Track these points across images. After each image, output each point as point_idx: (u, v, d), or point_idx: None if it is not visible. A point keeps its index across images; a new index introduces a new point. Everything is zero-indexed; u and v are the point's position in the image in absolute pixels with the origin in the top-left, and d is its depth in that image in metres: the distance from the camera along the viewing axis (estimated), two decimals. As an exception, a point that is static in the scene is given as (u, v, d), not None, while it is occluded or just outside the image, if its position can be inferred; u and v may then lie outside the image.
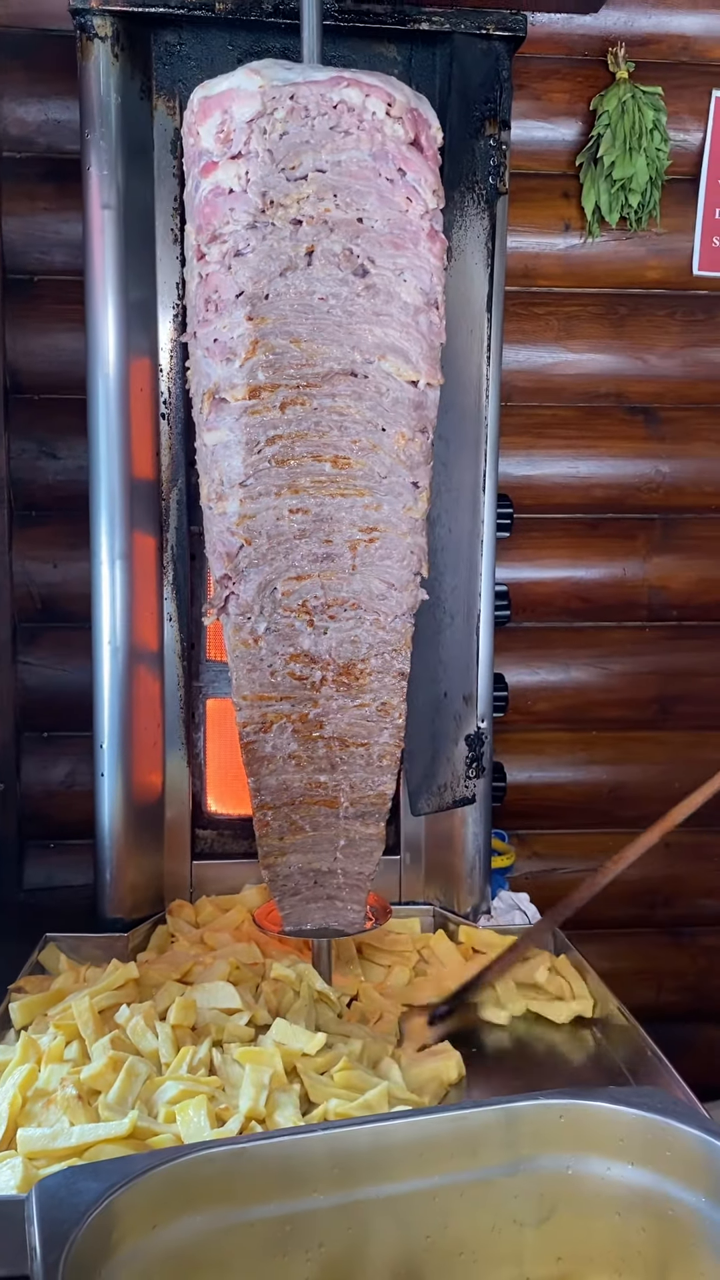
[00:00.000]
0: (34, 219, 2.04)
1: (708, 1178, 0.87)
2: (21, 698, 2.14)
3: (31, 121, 2.02)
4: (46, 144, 2.03)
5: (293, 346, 1.32)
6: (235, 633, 1.40)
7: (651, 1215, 0.90)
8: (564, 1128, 0.91)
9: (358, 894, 1.51)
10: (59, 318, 2.06)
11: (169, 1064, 1.26)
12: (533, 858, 2.28)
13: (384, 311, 1.33)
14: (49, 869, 2.18)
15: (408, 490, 1.39)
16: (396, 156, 1.31)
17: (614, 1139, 0.91)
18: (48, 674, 2.15)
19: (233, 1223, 0.83)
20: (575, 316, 2.16)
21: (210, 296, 1.32)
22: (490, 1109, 0.91)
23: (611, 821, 2.29)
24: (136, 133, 1.66)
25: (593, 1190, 0.92)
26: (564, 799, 2.28)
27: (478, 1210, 0.91)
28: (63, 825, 2.15)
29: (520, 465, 2.18)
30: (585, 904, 1.58)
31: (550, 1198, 0.92)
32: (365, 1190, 0.87)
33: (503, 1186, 0.91)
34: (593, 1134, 0.91)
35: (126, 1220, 0.78)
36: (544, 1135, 0.91)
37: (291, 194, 1.29)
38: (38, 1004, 1.43)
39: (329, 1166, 0.87)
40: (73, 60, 1.73)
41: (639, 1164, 0.90)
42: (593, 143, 2.09)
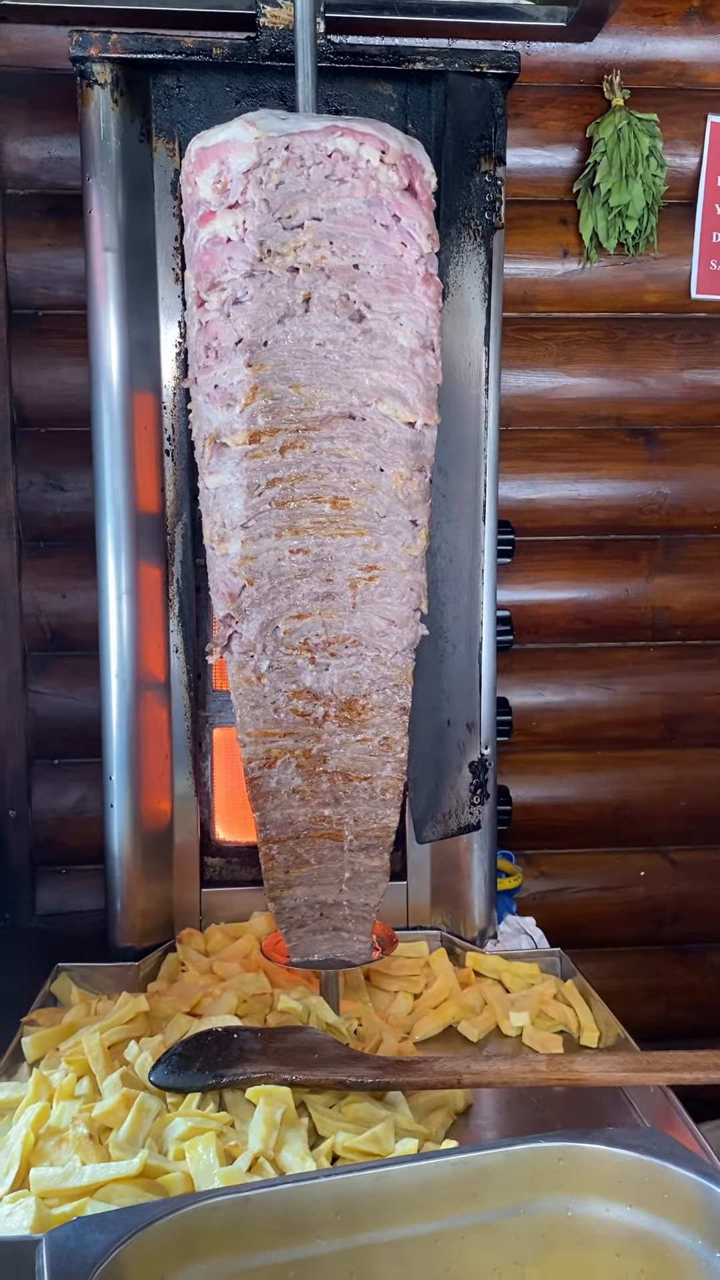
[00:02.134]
0: (38, 254, 2.08)
1: (704, 1220, 0.89)
2: (32, 726, 2.18)
3: (34, 159, 2.06)
4: (49, 180, 2.07)
5: (291, 391, 1.34)
6: (239, 671, 1.42)
7: (649, 1256, 0.91)
8: (563, 1170, 0.93)
9: (363, 925, 1.53)
10: (64, 351, 2.09)
11: (176, 1102, 1.28)
12: (540, 877, 2.30)
13: (381, 355, 1.35)
14: (61, 894, 2.21)
15: (406, 528, 1.41)
16: (391, 203, 1.33)
17: (612, 1180, 0.92)
18: (58, 702, 2.18)
19: (238, 1270, 0.85)
20: (575, 341, 2.19)
21: (210, 343, 1.34)
22: (490, 1152, 0.93)
23: (618, 840, 2.31)
24: (137, 174, 1.69)
25: (592, 1231, 0.93)
26: (570, 819, 2.30)
27: (479, 1252, 0.92)
28: (74, 851, 2.19)
29: (522, 489, 2.20)
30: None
31: (550, 1239, 0.93)
32: (368, 1235, 0.89)
33: (504, 1228, 0.93)
34: (591, 1176, 0.93)
35: (133, 1272, 0.80)
36: (543, 1177, 0.93)
37: (288, 242, 1.31)
38: (50, 1038, 1.45)
39: (332, 1212, 0.89)
40: (74, 99, 1.77)
41: (636, 1205, 0.91)
42: (589, 170, 2.11)
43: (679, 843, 2.33)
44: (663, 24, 2.15)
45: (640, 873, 2.33)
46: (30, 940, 2.12)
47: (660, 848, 2.33)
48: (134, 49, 1.61)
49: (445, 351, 1.43)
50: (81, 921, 2.13)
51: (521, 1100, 1.48)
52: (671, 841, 2.32)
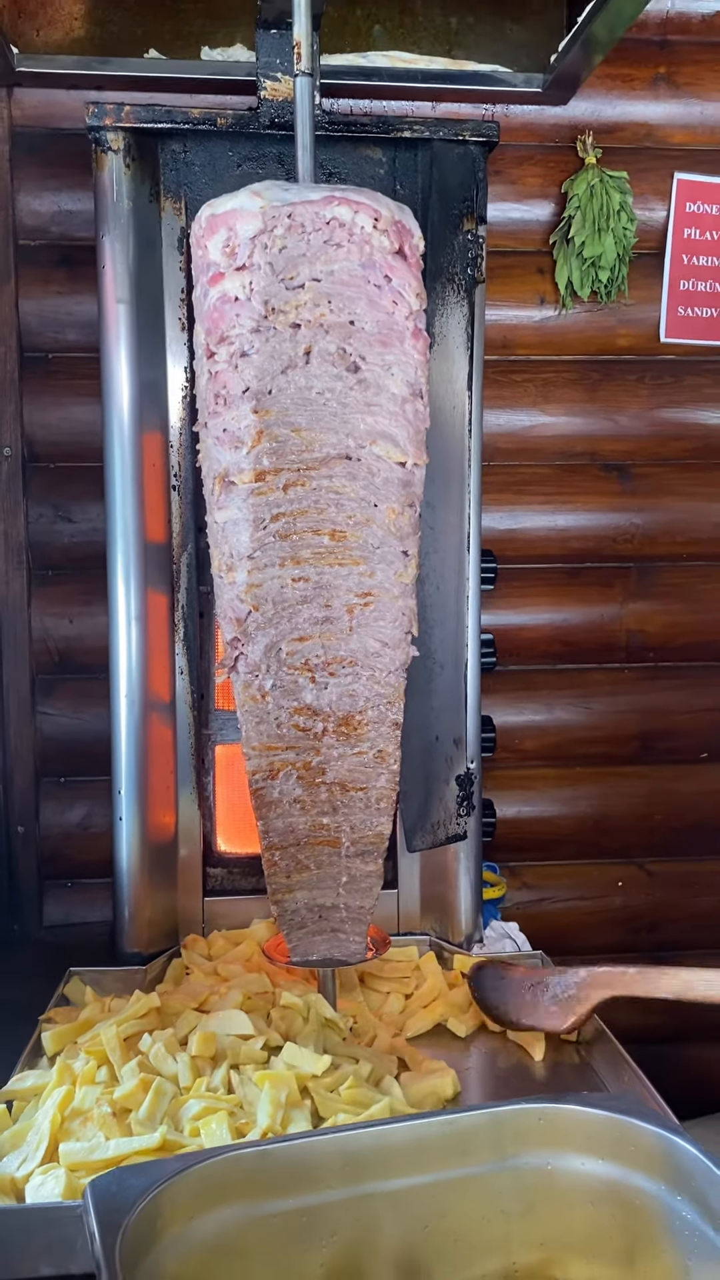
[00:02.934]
0: (48, 301, 2.20)
1: (667, 1169, 1.01)
2: (40, 745, 2.27)
3: (45, 212, 2.18)
4: (59, 232, 2.19)
5: (294, 435, 1.47)
6: (244, 689, 1.54)
7: (619, 1203, 1.03)
8: (543, 1129, 1.05)
9: (359, 926, 1.64)
10: (72, 392, 2.21)
11: (188, 1087, 1.39)
12: (523, 888, 2.41)
13: (374, 402, 1.48)
14: (67, 907, 2.29)
15: (398, 558, 1.54)
16: (383, 265, 1.47)
17: (586, 1137, 1.04)
18: (65, 722, 2.28)
19: (258, 1215, 0.96)
20: (551, 382, 2.32)
21: (219, 392, 1.47)
22: (478, 1113, 1.05)
23: (597, 853, 2.42)
24: (146, 231, 1.82)
25: (569, 1184, 1.05)
26: (551, 832, 2.40)
27: (469, 1203, 1.04)
28: (80, 865, 2.28)
29: (503, 520, 2.33)
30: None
31: (532, 1191, 1.05)
32: (370, 1186, 1.01)
33: (490, 1181, 1.04)
34: (568, 1134, 1.05)
35: (168, 1212, 0.91)
36: (526, 1135, 1.05)
37: (290, 301, 1.45)
38: (68, 1033, 1.56)
39: (339, 1166, 1.00)
40: (83, 157, 1.91)
41: (608, 1159, 1.03)
42: (565, 223, 2.25)
43: (654, 855, 2.43)
44: (632, 89, 2.30)
45: (618, 883, 2.43)
46: (38, 950, 2.20)
47: (636, 859, 2.44)
48: (145, 119, 1.75)
49: (432, 395, 1.56)
50: (87, 933, 2.22)
51: (506, 1087, 1.60)
52: (647, 853, 2.43)
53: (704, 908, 2.47)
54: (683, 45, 2.30)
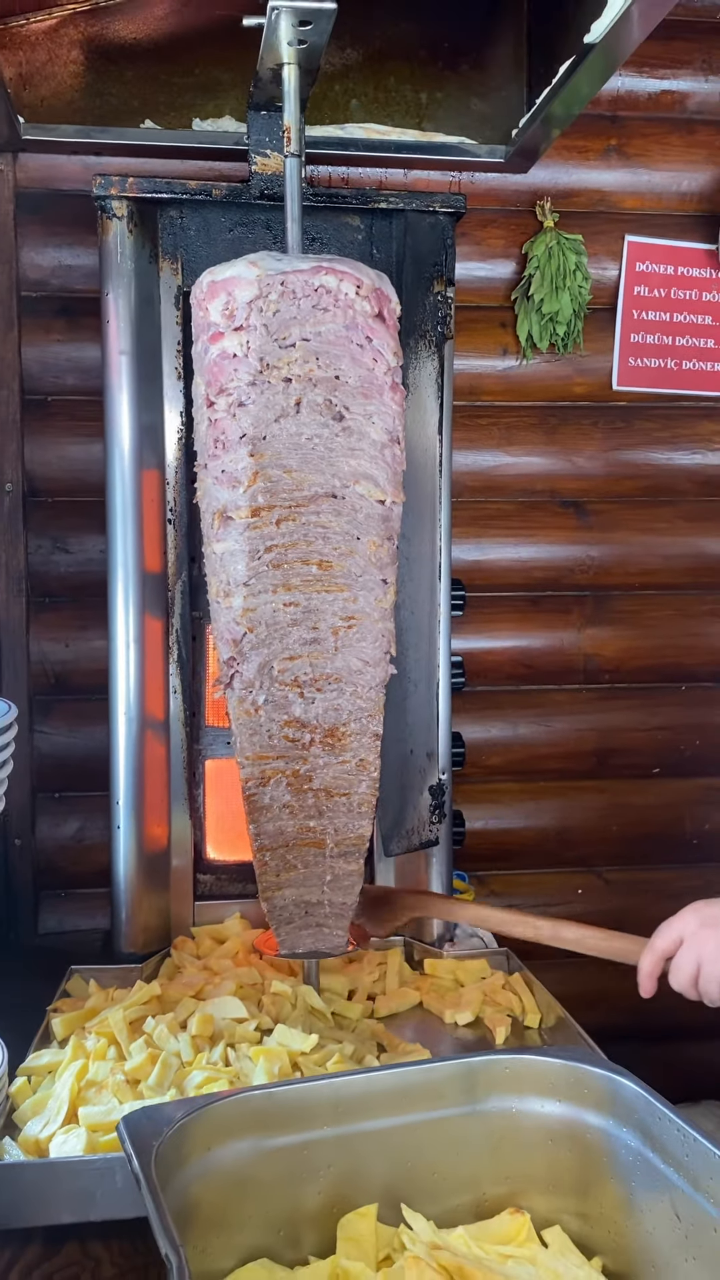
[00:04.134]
0: (48, 348, 2.36)
1: (614, 1106, 1.17)
2: (36, 762, 2.40)
3: (46, 266, 2.35)
4: (59, 285, 2.35)
5: (285, 475, 1.64)
6: (239, 704, 1.70)
7: (574, 1141, 1.20)
8: (509, 1076, 1.21)
9: (341, 921, 1.80)
10: (70, 432, 2.37)
11: (190, 1061, 1.54)
12: (490, 895, 2.56)
13: (357, 447, 1.66)
14: (61, 915, 2.42)
15: (379, 586, 1.71)
16: (365, 327, 1.66)
17: (546, 1082, 1.21)
18: (60, 741, 2.41)
19: (264, 1149, 1.12)
20: (514, 426, 2.51)
21: (219, 437, 1.65)
22: (452, 1063, 1.21)
23: (558, 862, 2.58)
24: (146, 289, 1.99)
25: (531, 1124, 1.21)
26: (516, 842, 2.56)
27: (445, 1142, 1.20)
28: (73, 876, 2.41)
29: (471, 551, 2.51)
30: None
31: (499, 1131, 1.21)
32: (359, 1125, 1.16)
33: (464, 1123, 1.20)
34: (530, 1080, 1.21)
35: (191, 1142, 1.06)
36: (494, 1082, 1.21)
37: (283, 358, 1.63)
38: (76, 1019, 1.70)
39: (331, 1107, 1.16)
40: (82, 216, 2.10)
41: (564, 1100, 1.20)
42: (525, 281, 2.45)
43: (611, 863, 2.60)
44: (586, 158, 2.51)
45: (578, 890, 2.59)
46: (34, 956, 2.32)
47: (595, 868, 2.60)
48: (147, 190, 1.94)
49: (407, 439, 1.74)
50: (80, 939, 2.32)
51: (476, 1067, 1.76)
52: (605, 862, 2.59)
53: (658, 913, 2.58)
54: (632, 120, 2.52)
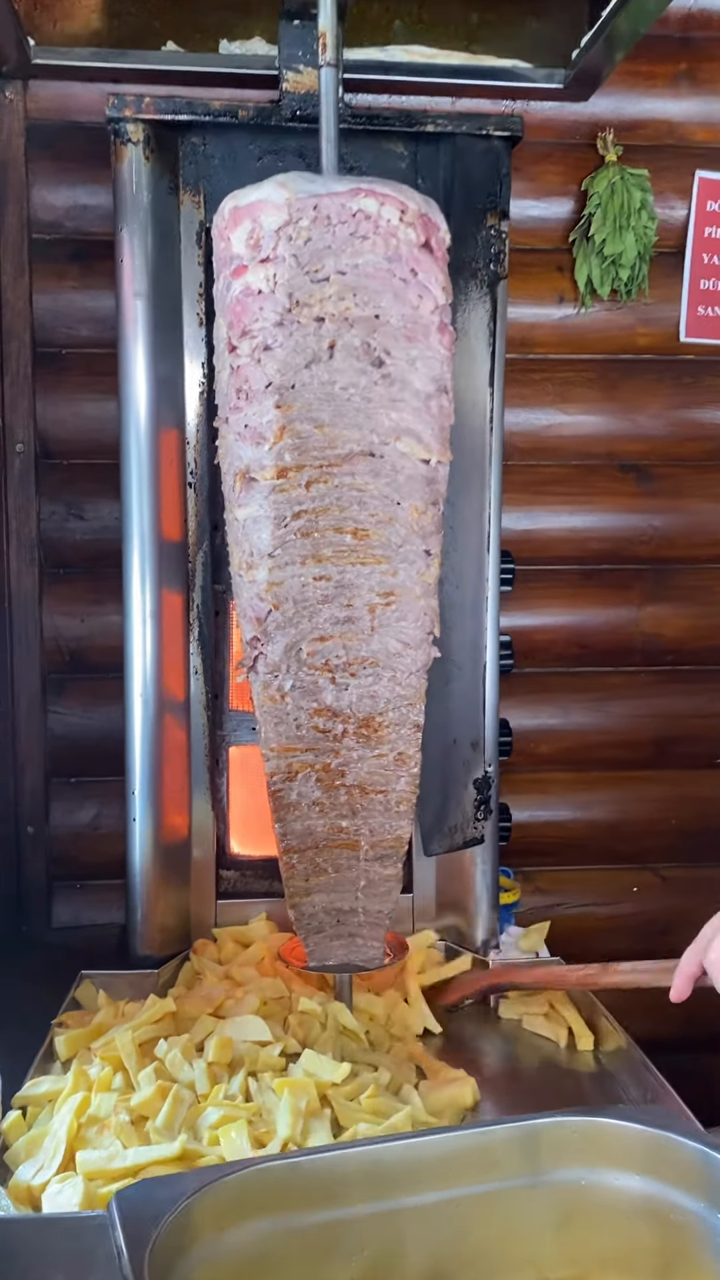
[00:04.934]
0: (61, 295, 2.16)
1: (705, 1186, 0.98)
2: (50, 745, 2.23)
3: (60, 206, 2.15)
4: (73, 227, 2.15)
5: (316, 431, 1.44)
6: (264, 689, 1.51)
7: (656, 1221, 1.01)
8: (577, 1142, 1.02)
9: (377, 931, 1.62)
10: (85, 388, 2.18)
11: (206, 1094, 1.36)
12: (536, 893, 2.37)
13: (399, 398, 1.46)
14: (76, 908, 2.26)
15: (421, 558, 1.51)
16: (409, 259, 1.45)
17: (622, 1152, 1.02)
18: (75, 722, 2.24)
19: (287, 1228, 0.94)
20: (570, 381, 2.28)
21: (241, 386, 1.45)
22: (511, 1126, 1.02)
23: (612, 858, 2.39)
24: (165, 225, 1.79)
25: (603, 1199, 1.02)
26: (566, 837, 2.37)
27: (499, 1218, 1.01)
28: (89, 866, 2.24)
29: (521, 520, 2.30)
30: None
31: (565, 1206, 1.02)
32: (398, 1201, 0.98)
33: (522, 1196, 1.02)
34: (603, 1148, 1.02)
35: (197, 1224, 0.89)
36: (559, 1149, 1.02)
37: (315, 294, 1.42)
38: (81, 1038, 1.53)
39: (367, 1179, 0.98)
40: (98, 150, 1.88)
41: (644, 1174, 1.01)
42: (584, 221, 2.22)
43: (669, 860, 2.40)
44: (654, 85, 2.27)
45: (632, 889, 2.39)
46: (47, 952, 2.17)
47: (651, 865, 2.40)
48: (165, 110, 1.73)
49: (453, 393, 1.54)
50: (97, 934, 2.18)
51: (526, 1097, 1.57)
52: (662, 859, 2.40)
53: (719, 914, 2.44)
54: (705, 42, 2.27)
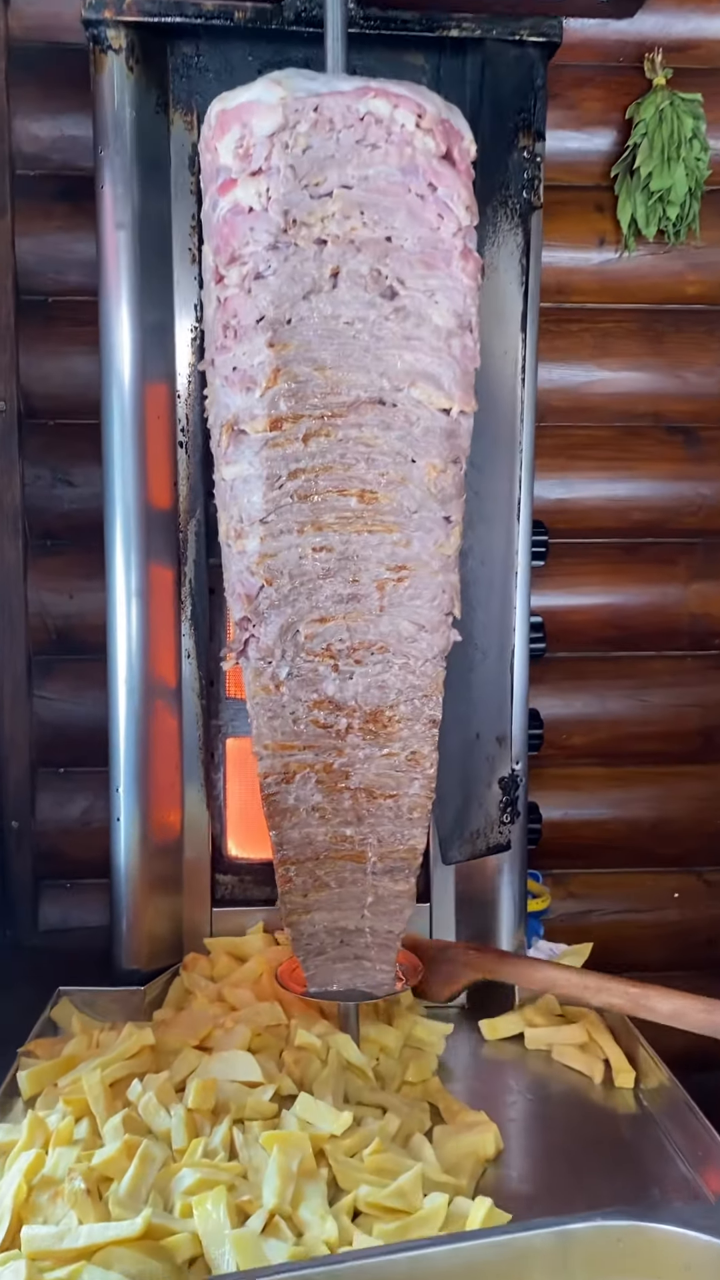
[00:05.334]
0: (48, 238, 1.98)
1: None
2: (36, 732, 2.07)
3: (45, 138, 1.96)
4: (61, 161, 1.96)
5: (316, 374, 1.23)
6: (255, 678, 1.31)
7: None
8: (622, 1251, 0.82)
9: (387, 953, 1.42)
10: (74, 340, 1.99)
11: (183, 1149, 1.17)
12: (568, 899, 2.18)
13: (414, 335, 1.24)
14: (65, 909, 2.11)
15: (439, 525, 1.30)
16: (427, 171, 1.23)
17: (679, 1266, 0.81)
18: (64, 708, 2.08)
19: None
20: (611, 333, 2.08)
21: (229, 322, 1.23)
22: (541, 1232, 0.81)
23: (652, 860, 2.19)
24: (152, 148, 1.59)
25: (654, 1322, 0.82)
26: (601, 837, 2.19)
27: (525, 1343, 0.81)
28: (80, 864, 2.09)
29: (554, 488, 2.09)
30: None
31: (606, 1330, 0.82)
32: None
33: (553, 1317, 0.82)
34: (655, 1259, 0.81)
35: None
36: (600, 1260, 0.82)
37: (315, 212, 1.21)
38: (47, 1072, 1.35)
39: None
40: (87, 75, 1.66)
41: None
42: (628, 153, 2.00)
43: (715, 863, 2.21)
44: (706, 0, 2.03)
45: (673, 894, 2.21)
46: (32, 958, 2.02)
47: (695, 868, 2.21)
48: (150, 12, 1.51)
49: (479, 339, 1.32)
50: (87, 938, 2.01)
51: (557, 1148, 1.37)
52: (708, 861, 2.21)
53: (770, 923, 2.23)
54: (766, -50, 2.03)
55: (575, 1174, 1.32)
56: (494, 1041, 1.61)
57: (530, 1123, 1.43)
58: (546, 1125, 1.43)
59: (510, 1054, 1.60)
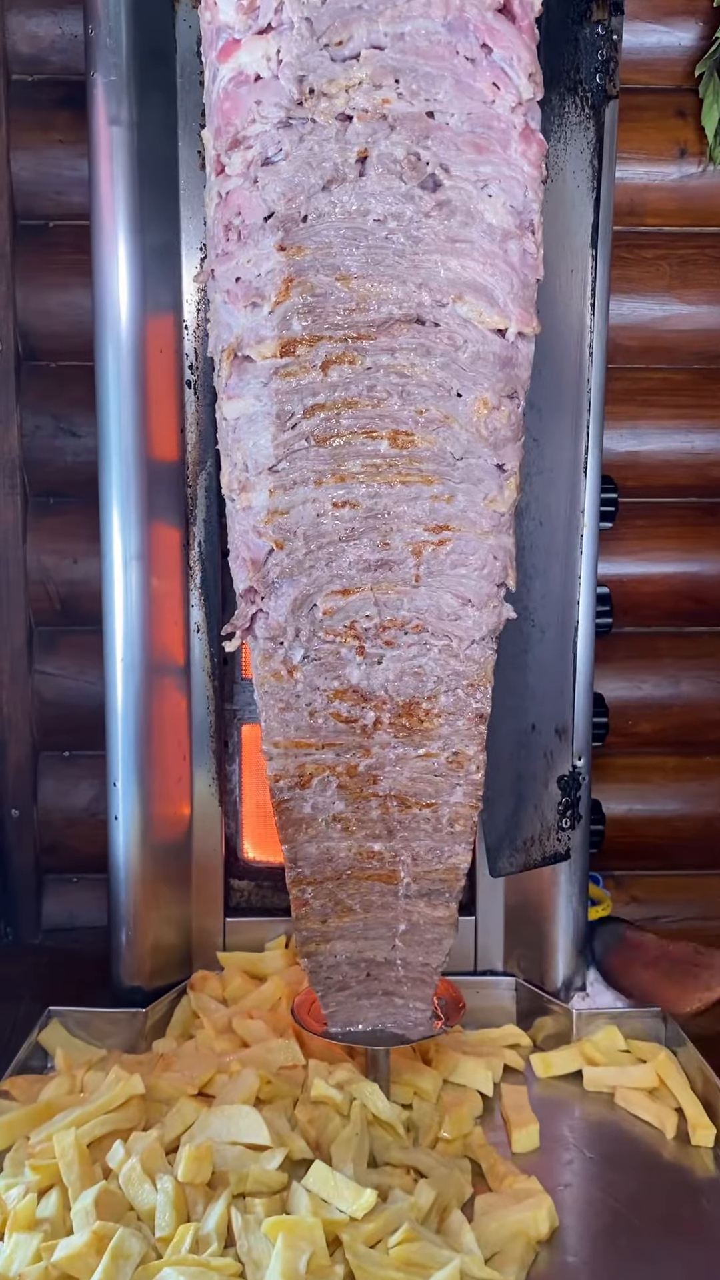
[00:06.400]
0: (48, 153, 1.80)
1: None
2: (39, 712, 1.92)
3: (44, 37, 1.77)
4: (61, 64, 1.78)
5: (339, 285, 1.02)
6: (264, 662, 1.10)
7: None
8: None
9: (422, 989, 1.21)
10: (78, 269, 1.77)
11: (167, 1238, 0.96)
12: (631, 904, 1.99)
13: (461, 237, 1.02)
14: (70, 906, 1.97)
15: (490, 475, 1.08)
16: (480, 28, 0.99)
17: None
18: (68, 684, 1.91)
19: None
20: (691, 261, 1.85)
21: (231, 221, 1.01)
22: None
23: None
24: (154, 32, 1.39)
25: None
26: (671, 835, 2.00)
27: None
28: (86, 856, 1.93)
29: (624, 440, 1.89)
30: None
31: None
32: None
33: None
34: None
35: None
36: None
37: (338, 79, 0.99)
38: (21, 1122, 1.16)
39: None
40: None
41: None
42: (716, 48, 1.76)
43: None
44: None
45: (751, 899, 2.01)
46: (34, 960, 1.88)
47: (775, 871, 1.99)
48: None
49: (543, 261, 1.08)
50: (94, 938, 1.86)
51: (621, 1223, 1.16)
52: (789, 864, 2.00)
53: None
54: None
55: (645, 1260, 1.13)
56: (546, 1080, 1.40)
57: (589, 1190, 1.23)
58: (609, 1193, 1.22)
59: (566, 1095, 1.39)
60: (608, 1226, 1.17)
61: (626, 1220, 1.18)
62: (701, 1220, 1.18)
